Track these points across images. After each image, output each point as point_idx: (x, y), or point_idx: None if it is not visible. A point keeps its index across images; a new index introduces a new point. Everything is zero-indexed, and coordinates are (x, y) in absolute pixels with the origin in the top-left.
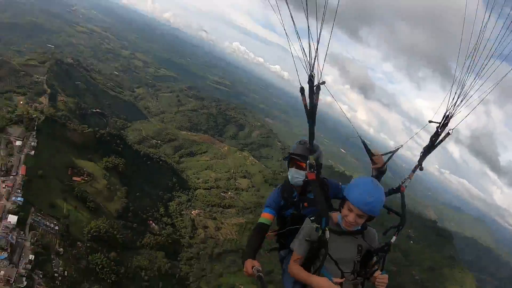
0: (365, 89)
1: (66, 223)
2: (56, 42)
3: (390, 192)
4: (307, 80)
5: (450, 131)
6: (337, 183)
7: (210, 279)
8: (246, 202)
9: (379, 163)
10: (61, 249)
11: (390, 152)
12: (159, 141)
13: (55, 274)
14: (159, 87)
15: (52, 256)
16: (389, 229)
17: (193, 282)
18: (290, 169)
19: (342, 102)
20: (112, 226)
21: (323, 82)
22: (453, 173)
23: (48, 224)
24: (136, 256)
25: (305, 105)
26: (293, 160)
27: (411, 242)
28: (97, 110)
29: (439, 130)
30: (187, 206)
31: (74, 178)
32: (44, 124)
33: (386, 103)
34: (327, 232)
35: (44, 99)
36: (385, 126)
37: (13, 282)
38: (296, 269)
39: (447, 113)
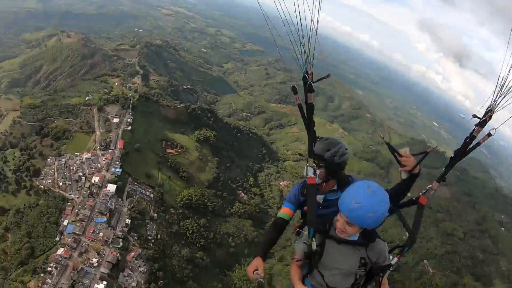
0: (460, 57)
1: (161, 191)
2: (144, 26)
3: (407, 203)
4: (302, 77)
5: (492, 131)
6: None
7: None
8: None
9: (408, 165)
10: (155, 214)
11: (422, 153)
12: (249, 114)
13: (149, 237)
14: (247, 61)
15: (146, 221)
16: (394, 248)
17: (278, 251)
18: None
19: (436, 72)
20: (203, 195)
21: (328, 75)
22: None
23: (143, 192)
24: (224, 223)
25: (299, 105)
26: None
27: (502, 229)
28: (188, 86)
29: (475, 129)
30: (276, 177)
31: (168, 151)
32: (138, 102)
33: (483, 72)
34: (314, 243)
35: (137, 80)
36: (482, 98)
37: (111, 242)
38: (292, 269)
39: (490, 107)
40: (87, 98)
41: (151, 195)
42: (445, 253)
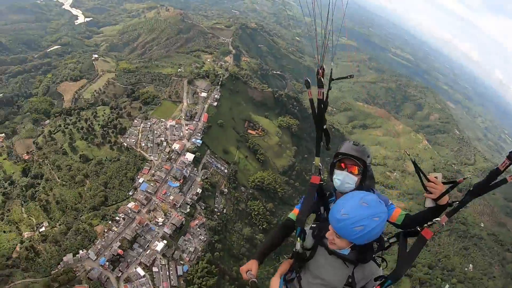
0: None
1: (235, 169)
2: (241, 8)
3: (409, 233)
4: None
5: None
6: (386, 199)
7: None
8: (410, 187)
9: (435, 193)
10: (226, 189)
11: (451, 182)
12: (334, 109)
13: (215, 209)
14: (339, 56)
15: (216, 194)
16: (378, 278)
17: None
18: (338, 171)
19: None
20: (275, 180)
21: (351, 76)
22: None
23: (219, 166)
24: (290, 212)
25: (311, 100)
26: (343, 162)
27: None
28: (278, 72)
29: (506, 161)
30: None
31: (249, 131)
32: (228, 80)
33: None
34: (298, 243)
35: (229, 59)
36: None
37: (179, 207)
38: (281, 264)
39: None
40: (179, 70)
41: (225, 171)
42: None
